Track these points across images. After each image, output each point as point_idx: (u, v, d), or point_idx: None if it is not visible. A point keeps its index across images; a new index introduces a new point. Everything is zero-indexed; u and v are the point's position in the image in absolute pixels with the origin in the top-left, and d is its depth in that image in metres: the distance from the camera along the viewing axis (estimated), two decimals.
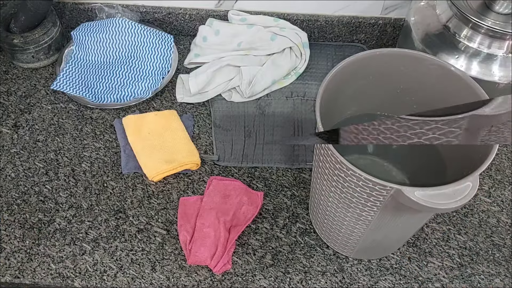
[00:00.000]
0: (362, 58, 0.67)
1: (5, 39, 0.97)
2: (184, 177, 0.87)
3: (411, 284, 0.76)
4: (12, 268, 0.77)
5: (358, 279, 0.76)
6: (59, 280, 0.76)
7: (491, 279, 0.77)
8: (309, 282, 0.76)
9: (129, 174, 0.88)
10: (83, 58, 1.03)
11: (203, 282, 0.76)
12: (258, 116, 0.95)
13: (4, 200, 0.85)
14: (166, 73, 1.01)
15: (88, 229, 0.81)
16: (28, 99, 0.98)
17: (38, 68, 1.03)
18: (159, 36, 1.03)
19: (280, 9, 1.04)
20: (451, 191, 0.54)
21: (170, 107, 0.97)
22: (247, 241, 0.80)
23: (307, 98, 0.98)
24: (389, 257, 0.79)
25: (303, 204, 0.84)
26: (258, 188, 0.86)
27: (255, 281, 0.76)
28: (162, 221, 0.82)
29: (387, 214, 0.62)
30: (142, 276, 0.76)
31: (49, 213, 0.83)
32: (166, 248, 0.79)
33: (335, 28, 1.05)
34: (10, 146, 0.92)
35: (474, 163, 0.57)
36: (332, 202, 0.67)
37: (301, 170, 0.88)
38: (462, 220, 0.82)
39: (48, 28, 0.99)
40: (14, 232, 0.81)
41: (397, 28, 1.04)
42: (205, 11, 1.05)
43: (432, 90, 0.69)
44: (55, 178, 0.87)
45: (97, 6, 1.03)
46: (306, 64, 1.01)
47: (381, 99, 0.74)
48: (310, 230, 0.81)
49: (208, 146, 0.91)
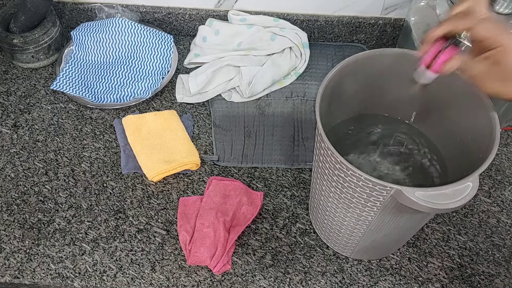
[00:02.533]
0: (362, 58, 0.67)
1: (5, 39, 0.97)
2: (184, 177, 0.87)
3: (411, 285, 0.76)
4: (11, 268, 0.77)
5: (358, 280, 0.76)
6: (58, 280, 0.76)
7: (491, 279, 0.77)
8: (309, 283, 0.76)
9: (128, 174, 0.88)
10: (83, 58, 1.03)
11: (203, 283, 0.76)
12: (258, 116, 0.95)
13: (3, 200, 0.85)
14: (166, 73, 1.01)
15: (87, 229, 0.81)
16: (27, 99, 0.98)
17: (37, 68, 1.03)
18: (159, 36, 1.03)
19: (280, 9, 1.04)
20: (451, 191, 0.54)
21: (170, 107, 0.97)
22: (247, 241, 0.80)
23: (307, 98, 0.98)
24: (389, 257, 0.79)
25: (303, 204, 0.84)
26: (258, 188, 0.86)
27: (255, 282, 0.76)
28: (162, 221, 0.82)
29: (387, 215, 0.62)
30: (142, 277, 0.76)
31: (48, 213, 0.83)
32: (166, 248, 0.79)
33: (335, 28, 1.05)
34: (10, 146, 0.91)
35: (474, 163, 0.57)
36: (332, 202, 0.67)
37: (301, 170, 0.88)
38: (462, 220, 0.82)
39: (48, 28, 0.99)
40: (13, 232, 0.81)
41: (397, 28, 1.04)
42: (205, 11, 1.05)
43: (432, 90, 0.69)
44: (54, 178, 0.87)
45: (97, 6, 1.03)
46: (306, 64, 1.01)
47: (381, 99, 0.74)
48: (310, 231, 0.81)
49: (208, 146, 0.91)
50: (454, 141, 0.69)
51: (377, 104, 0.75)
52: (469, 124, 0.65)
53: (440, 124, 0.71)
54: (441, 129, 0.72)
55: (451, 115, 0.69)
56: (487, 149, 0.58)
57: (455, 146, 0.69)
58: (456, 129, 0.68)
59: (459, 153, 0.68)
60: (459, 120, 0.67)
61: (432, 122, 0.73)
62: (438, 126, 0.72)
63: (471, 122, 0.64)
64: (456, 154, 0.69)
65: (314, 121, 0.94)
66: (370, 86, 0.72)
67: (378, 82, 0.71)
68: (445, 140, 0.72)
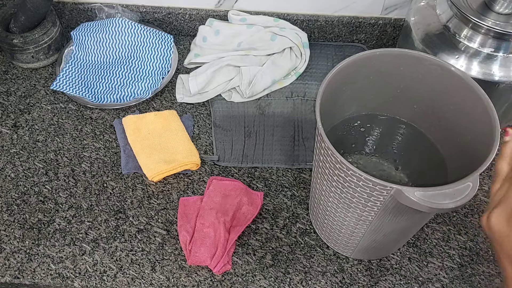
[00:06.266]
0: (362, 58, 0.67)
1: (5, 39, 0.97)
2: (184, 177, 0.87)
3: (411, 285, 0.76)
4: (11, 269, 0.77)
5: (358, 280, 0.76)
6: (58, 280, 0.76)
7: (491, 279, 0.77)
8: (309, 283, 0.76)
9: (129, 174, 0.88)
10: (83, 58, 1.03)
11: (203, 283, 0.76)
12: (258, 116, 0.95)
13: (3, 200, 0.85)
14: (166, 73, 1.01)
15: (88, 230, 0.81)
16: (27, 99, 0.98)
17: (37, 68, 1.03)
18: (159, 36, 1.03)
19: (280, 9, 1.04)
20: (451, 191, 0.54)
21: (170, 107, 0.97)
22: (247, 242, 0.80)
23: (307, 98, 0.98)
24: (389, 257, 0.79)
25: (303, 204, 0.84)
26: (258, 188, 0.86)
27: (255, 282, 0.76)
28: (162, 221, 0.82)
29: (387, 214, 0.62)
30: (142, 277, 0.76)
31: (48, 213, 0.83)
32: (166, 249, 0.79)
33: (335, 28, 1.05)
34: (10, 146, 0.91)
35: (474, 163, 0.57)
36: (332, 202, 0.67)
37: (301, 170, 0.88)
38: (462, 220, 0.82)
39: (48, 28, 0.99)
40: (13, 232, 0.81)
41: (397, 28, 1.04)
42: (205, 11, 1.05)
43: (432, 90, 0.69)
44: (54, 178, 0.87)
45: (97, 6, 1.03)
46: (306, 64, 1.01)
47: (381, 99, 0.74)
48: (310, 231, 0.81)
49: (208, 146, 0.91)
50: (454, 141, 0.69)
51: (377, 104, 0.75)
52: (469, 124, 0.65)
53: (440, 124, 0.71)
54: (441, 129, 0.72)
55: (451, 115, 0.69)
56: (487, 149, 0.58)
57: (455, 146, 0.69)
58: (456, 129, 0.68)
59: (459, 153, 0.68)
60: (459, 120, 0.67)
61: (432, 122, 0.73)
62: (438, 126, 0.72)
63: (471, 122, 0.64)
64: (456, 154, 0.69)
65: (314, 121, 0.94)
66: (370, 86, 0.72)
67: (378, 82, 0.71)
68: (445, 140, 0.72)
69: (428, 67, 0.67)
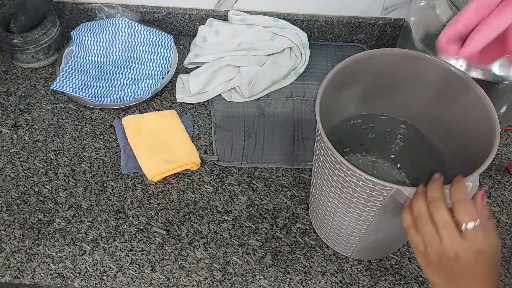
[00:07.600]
0: (362, 58, 0.67)
1: (5, 39, 0.97)
2: (184, 177, 0.87)
3: (411, 285, 0.76)
4: (11, 268, 0.77)
5: (358, 280, 0.76)
6: (58, 280, 0.76)
7: None
8: (309, 283, 0.76)
9: (129, 174, 0.88)
10: (83, 58, 1.03)
11: (203, 283, 0.76)
12: (258, 116, 0.95)
13: (3, 200, 0.85)
14: (166, 73, 1.01)
15: (88, 229, 0.81)
16: (27, 99, 0.98)
17: (37, 68, 1.03)
18: (159, 36, 1.03)
19: (280, 9, 1.04)
20: None
21: (170, 107, 0.97)
22: (247, 241, 0.80)
23: (307, 98, 0.98)
24: (389, 257, 0.79)
25: (303, 204, 0.84)
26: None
27: (255, 282, 0.76)
28: (162, 221, 0.82)
29: (387, 214, 0.62)
30: (142, 277, 0.76)
31: (48, 213, 0.83)
32: (166, 249, 0.79)
33: (335, 28, 1.05)
34: (10, 146, 0.91)
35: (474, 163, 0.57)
36: (332, 202, 0.67)
37: (301, 170, 0.88)
38: None
39: (48, 28, 0.99)
40: (13, 232, 0.81)
41: (397, 28, 1.04)
42: (205, 11, 1.05)
43: (432, 90, 0.69)
44: (54, 178, 0.87)
45: (97, 6, 1.03)
46: (306, 64, 1.01)
47: (381, 99, 0.74)
48: (310, 230, 0.81)
49: (208, 146, 0.91)
50: (454, 141, 0.69)
51: (377, 104, 0.75)
52: (469, 124, 0.65)
53: (440, 124, 0.71)
54: (441, 129, 0.72)
55: (451, 115, 0.69)
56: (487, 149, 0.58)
57: (455, 146, 0.69)
58: (456, 129, 0.68)
59: (459, 153, 0.68)
60: (459, 120, 0.67)
61: (432, 122, 0.73)
62: (438, 126, 0.72)
63: (471, 122, 0.64)
64: (456, 154, 0.69)
65: (314, 121, 0.94)
66: (370, 86, 0.72)
67: (378, 82, 0.71)
68: (445, 140, 0.72)
69: (428, 67, 0.67)
